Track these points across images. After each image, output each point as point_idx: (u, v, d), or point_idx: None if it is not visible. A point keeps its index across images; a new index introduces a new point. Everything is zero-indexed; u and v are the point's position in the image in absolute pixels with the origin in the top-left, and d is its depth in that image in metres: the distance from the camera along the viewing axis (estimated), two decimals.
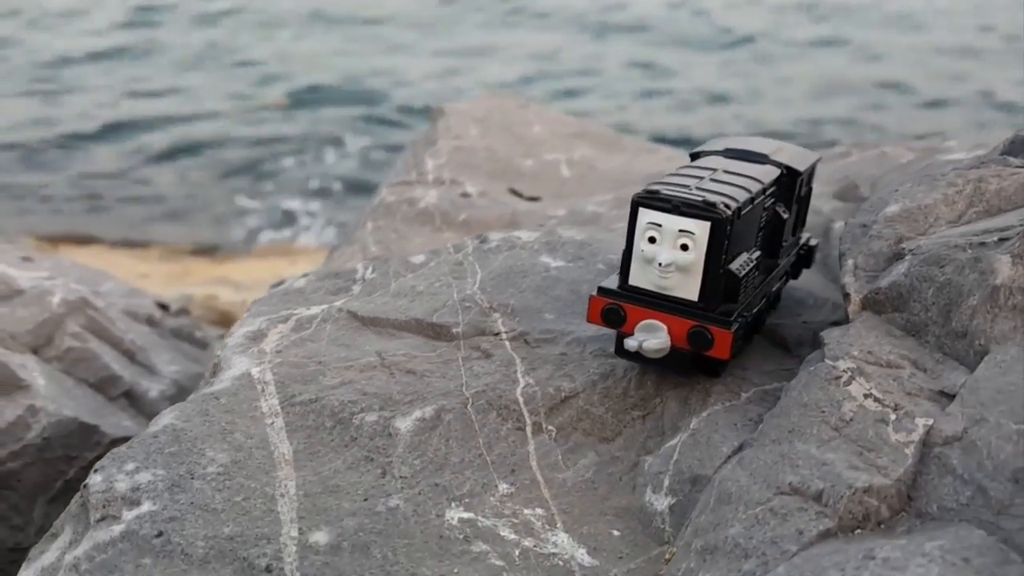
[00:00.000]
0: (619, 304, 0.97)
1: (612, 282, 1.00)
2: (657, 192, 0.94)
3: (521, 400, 1.02)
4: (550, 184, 2.68)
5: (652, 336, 0.94)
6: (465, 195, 2.77)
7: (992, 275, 0.87)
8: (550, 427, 1.00)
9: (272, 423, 1.01)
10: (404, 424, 0.99)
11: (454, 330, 1.18)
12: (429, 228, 2.37)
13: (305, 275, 1.51)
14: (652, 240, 0.93)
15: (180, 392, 2.13)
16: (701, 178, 0.99)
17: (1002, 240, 0.92)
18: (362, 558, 0.82)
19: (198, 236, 4.97)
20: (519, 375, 1.07)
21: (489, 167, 2.92)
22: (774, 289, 1.09)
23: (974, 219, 1.05)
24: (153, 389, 2.07)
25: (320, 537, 0.84)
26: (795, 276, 1.19)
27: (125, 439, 1.74)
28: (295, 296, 1.41)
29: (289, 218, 5.33)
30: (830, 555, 0.70)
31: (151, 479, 0.91)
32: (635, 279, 0.97)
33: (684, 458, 0.91)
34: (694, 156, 1.13)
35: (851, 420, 0.83)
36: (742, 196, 0.95)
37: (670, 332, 0.95)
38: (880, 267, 1.01)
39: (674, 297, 0.95)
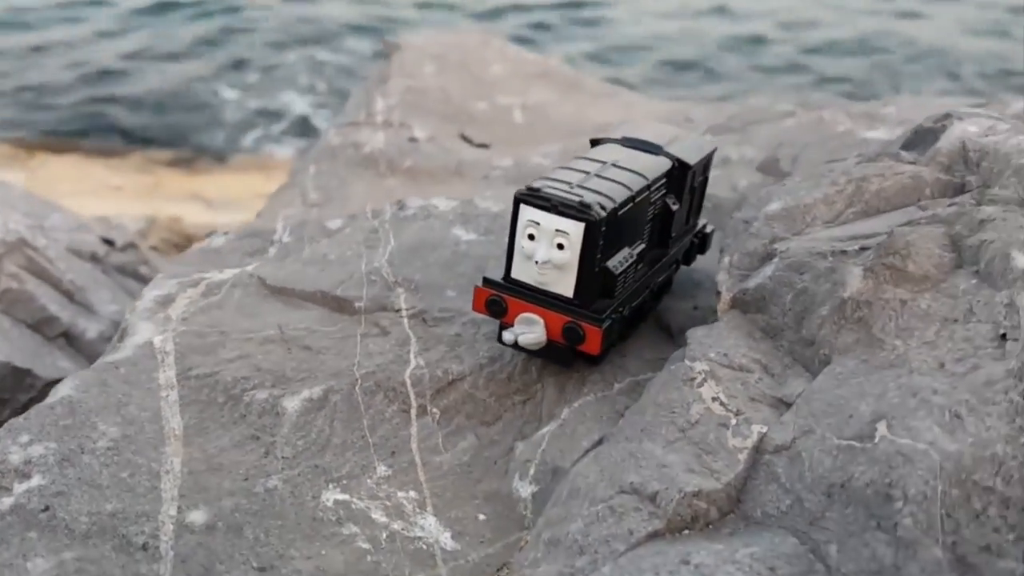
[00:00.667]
0: (501, 296, 1.01)
1: (497, 273, 1.03)
2: (538, 190, 0.97)
3: (409, 382, 1.07)
4: (501, 130, 2.69)
5: (529, 329, 0.99)
6: (413, 140, 2.77)
7: (842, 287, 0.91)
8: (435, 409, 1.05)
9: (167, 396, 1.05)
10: (292, 403, 1.03)
11: (356, 304, 1.22)
12: (372, 174, 2.37)
13: (226, 233, 1.53)
14: (532, 237, 0.97)
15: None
16: (587, 174, 1.02)
17: (863, 249, 0.96)
18: (235, 538, 0.88)
19: (179, 138, 4.88)
20: (411, 355, 1.11)
21: (441, 109, 2.91)
22: (661, 279, 1.14)
23: (851, 219, 1.09)
24: (91, 329, 2.11)
25: (197, 516, 0.90)
26: (687, 263, 1.23)
27: (59, 380, 1.78)
28: (211, 256, 1.44)
29: (275, 118, 5.28)
30: (651, 557, 0.77)
31: (43, 452, 0.95)
32: (517, 272, 1.01)
33: (550, 448, 0.97)
34: (594, 143, 1.16)
35: (697, 423, 0.88)
36: (621, 195, 0.98)
37: (547, 326, 0.99)
38: (753, 266, 1.05)
39: (551, 292, 0.99)
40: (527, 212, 0.97)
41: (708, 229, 1.24)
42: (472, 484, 0.98)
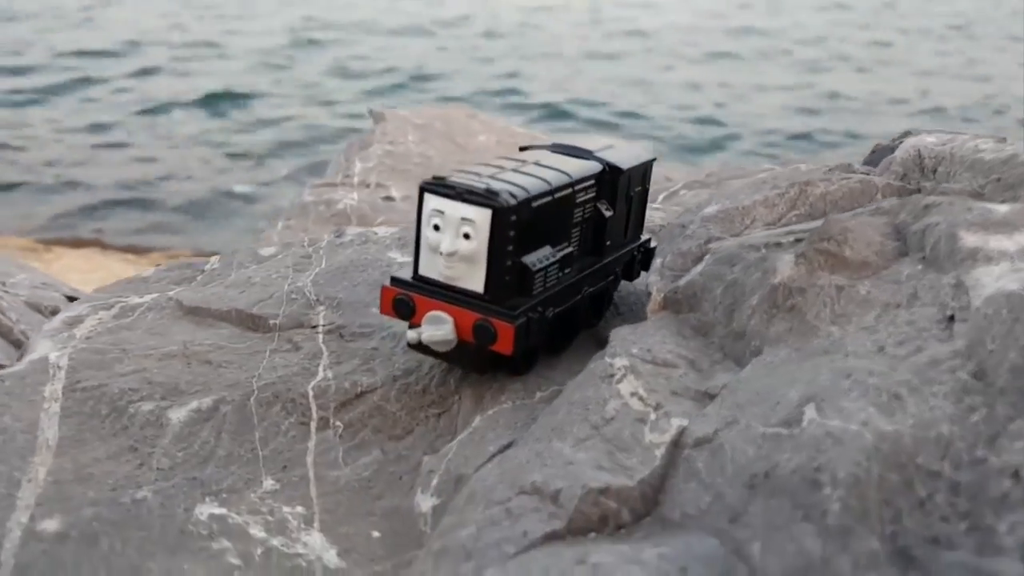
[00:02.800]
0: (408, 294, 0.93)
1: (406, 273, 0.95)
2: (444, 179, 0.90)
3: (311, 394, 0.97)
4: None
5: (436, 328, 0.90)
6: (388, 199, 2.72)
7: (773, 274, 0.83)
8: (337, 423, 0.95)
9: (48, 408, 0.96)
10: (177, 415, 0.94)
11: (271, 322, 1.13)
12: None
13: (159, 265, 1.46)
14: (436, 228, 0.89)
15: None
16: (501, 168, 0.95)
17: (797, 241, 0.88)
18: (87, 548, 0.77)
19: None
20: (320, 368, 1.02)
21: (420, 173, 2.88)
22: (595, 288, 1.05)
23: (794, 222, 1.02)
24: None
25: (50, 525, 0.79)
26: (629, 277, 1.14)
27: None
28: (137, 284, 1.36)
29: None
30: (544, 559, 0.66)
31: None
32: (424, 269, 0.92)
33: (455, 457, 0.87)
34: (522, 149, 1.09)
35: (612, 419, 0.78)
36: (537, 187, 0.91)
37: (456, 325, 0.90)
38: (687, 266, 0.97)
39: (461, 288, 0.90)
40: (431, 201, 0.90)
41: (652, 244, 1.16)
42: (370, 500, 0.87)
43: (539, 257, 0.92)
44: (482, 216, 0.87)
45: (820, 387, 0.71)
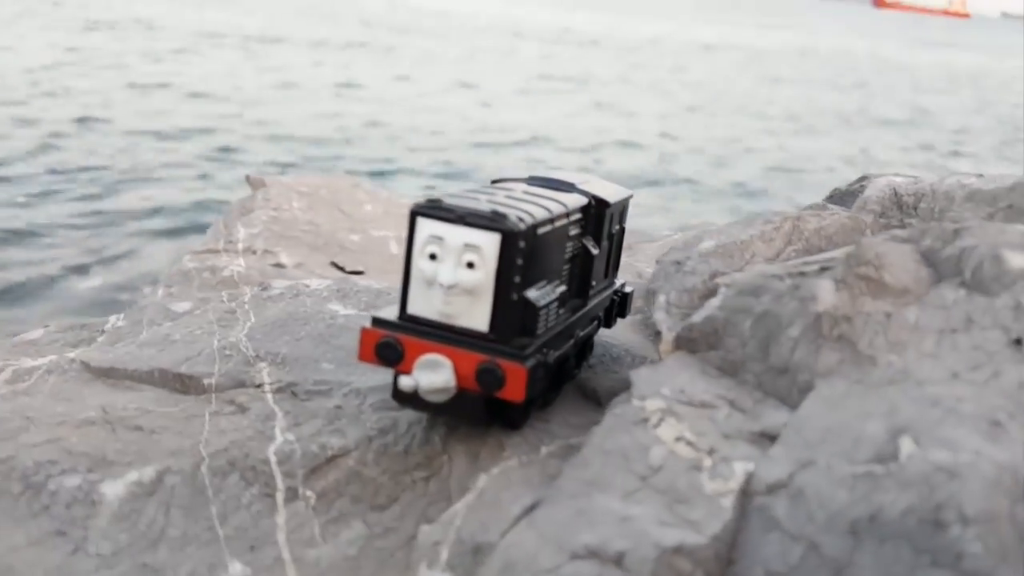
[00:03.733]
0: (395, 337, 0.80)
1: (391, 313, 0.83)
2: (440, 201, 0.79)
3: (274, 460, 0.83)
4: (376, 259, 2.51)
5: (432, 373, 0.78)
6: (278, 266, 2.55)
7: (813, 302, 0.76)
8: (308, 493, 0.81)
9: None
10: (113, 489, 0.77)
11: (206, 381, 0.97)
12: (230, 296, 2.14)
13: (46, 326, 1.26)
14: (433, 257, 0.78)
15: None
16: (494, 194, 0.85)
17: (824, 269, 0.82)
18: None
19: None
20: (277, 431, 0.87)
21: (310, 240, 2.73)
22: (583, 333, 0.96)
23: (793, 256, 0.96)
24: None
25: None
26: (608, 324, 1.06)
27: None
28: (25, 347, 1.16)
29: None
30: None
31: None
32: (415, 306, 0.80)
33: (467, 524, 0.74)
34: (495, 182, 1.00)
35: (660, 468, 0.68)
36: (540, 214, 0.82)
37: (456, 369, 0.78)
38: (694, 304, 0.89)
39: (460, 327, 0.79)
40: (427, 227, 0.78)
41: (627, 289, 1.08)
42: None
43: (541, 293, 0.82)
44: (490, 242, 0.76)
45: (907, 418, 0.63)
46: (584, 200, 0.93)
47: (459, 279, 0.77)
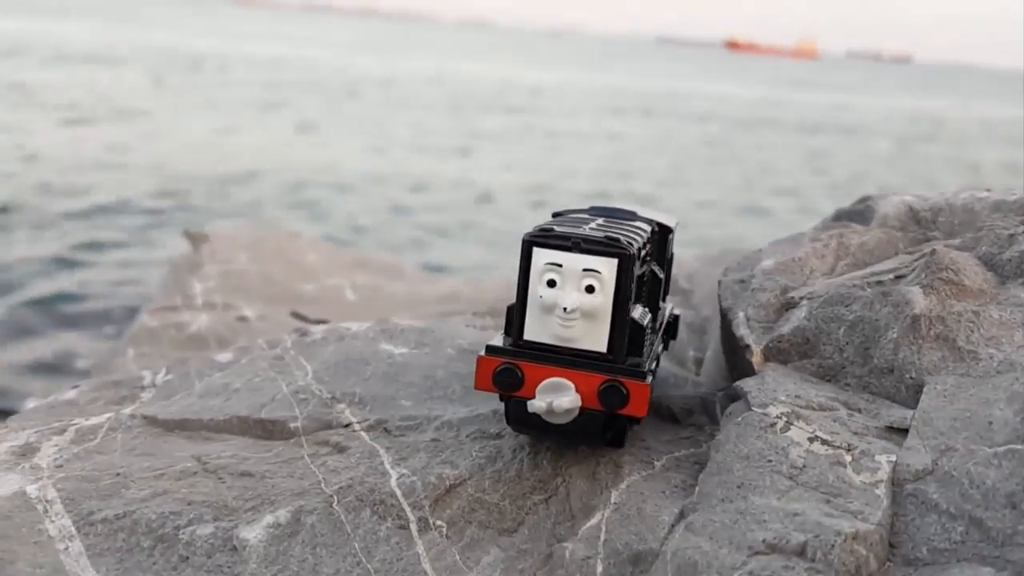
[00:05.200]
0: (514, 363, 0.83)
1: (504, 341, 0.85)
2: (551, 229, 0.82)
3: (399, 493, 0.83)
4: (336, 307, 2.51)
5: (561, 395, 0.81)
6: (242, 319, 2.52)
7: (908, 306, 0.82)
8: (439, 522, 0.82)
9: (66, 548, 0.75)
10: (252, 533, 0.76)
11: (291, 425, 0.97)
12: (204, 354, 2.12)
13: (76, 386, 1.23)
14: (552, 284, 0.81)
15: None
16: (586, 222, 0.89)
17: (898, 278, 0.89)
18: None
19: None
20: (388, 466, 0.88)
21: (266, 291, 2.70)
22: (660, 352, 1.00)
23: (845, 271, 1.03)
24: None
25: None
26: (666, 346, 1.10)
27: None
28: (66, 408, 1.13)
29: None
30: None
31: None
32: (532, 333, 0.83)
33: (615, 536, 0.76)
34: (557, 214, 1.04)
35: (804, 466, 0.73)
36: (638, 237, 0.86)
37: (577, 390, 0.82)
38: (771, 318, 0.95)
39: (579, 350, 0.82)
40: (543, 255, 0.82)
41: (676, 311, 1.13)
42: None
43: (640, 313, 0.86)
44: (608, 266, 0.80)
45: None
46: (650, 228, 0.98)
47: (581, 303, 0.80)
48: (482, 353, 0.84)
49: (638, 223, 0.95)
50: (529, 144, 10.23)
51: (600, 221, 0.92)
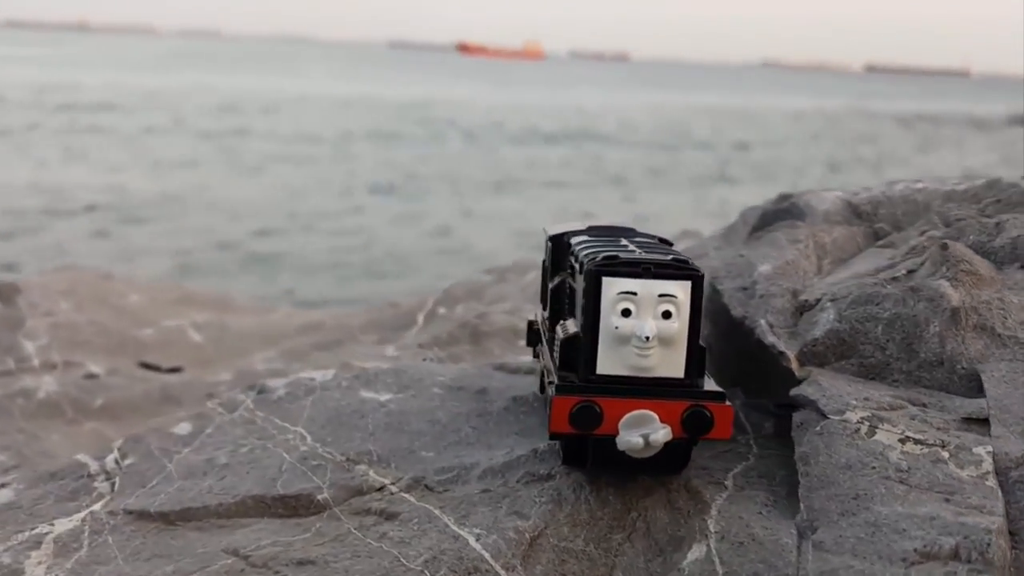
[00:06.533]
0: (592, 401, 0.79)
1: (568, 377, 0.82)
2: (617, 257, 0.80)
3: (487, 556, 0.78)
4: (185, 352, 2.32)
5: (652, 429, 0.78)
6: (91, 376, 2.29)
7: (944, 299, 0.87)
8: None
9: None
10: None
11: (318, 498, 0.88)
12: (61, 421, 1.92)
13: (3, 485, 1.05)
14: (626, 313, 0.78)
15: None
16: (624, 246, 0.87)
17: (910, 272, 0.94)
18: None
19: None
20: (455, 527, 0.82)
21: (104, 342, 2.46)
22: None
23: (832, 270, 1.07)
24: None
25: None
26: None
27: None
28: (12, 514, 0.96)
29: None
30: None
31: None
32: (606, 366, 0.80)
33: (736, 568, 0.75)
34: (555, 238, 1.00)
35: (909, 468, 0.75)
36: (682, 258, 0.85)
37: (662, 420, 0.79)
38: (789, 323, 0.97)
39: (657, 378, 0.80)
40: (615, 284, 0.79)
41: None
42: None
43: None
44: (683, 290, 0.78)
45: None
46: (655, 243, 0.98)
47: (660, 330, 0.78)
48: (553, 393, 0.80)
49: (654, 240, 0.94)
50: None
51: (622, 242, 0.90)
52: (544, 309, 1.05)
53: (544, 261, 1.07)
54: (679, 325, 0.79)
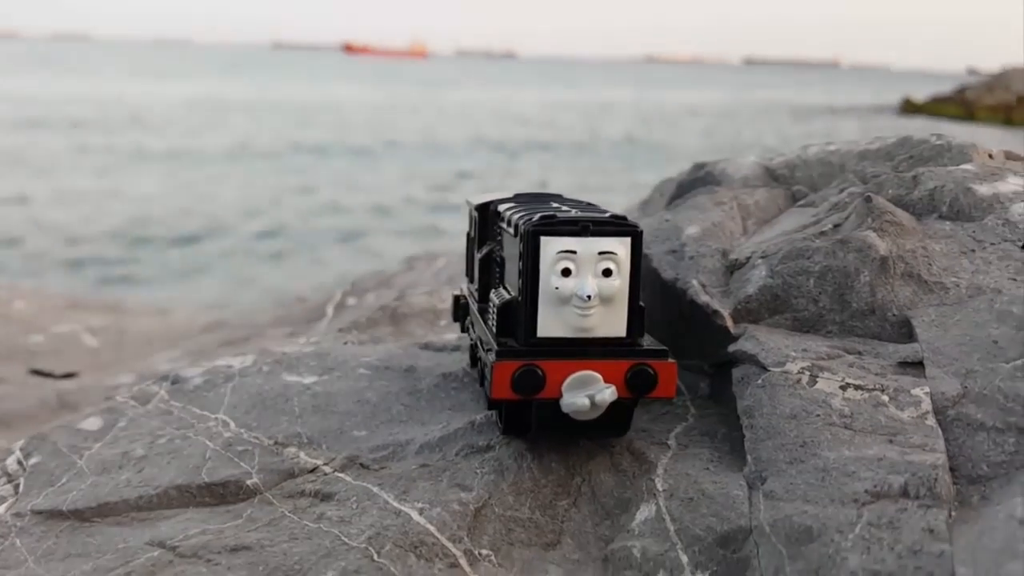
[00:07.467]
0: (534, 364, 0.77)
1: (508, 342, 0.79)
2: (554, 217, 0.78)
3: (432, 529, 0.74)
4: (80, 356, 2.21)
5: (598, 390, 0.76)
6: None
7: (872, 249, 0.88)
8: (484, 551, 0.74)
9: None
10: None
11: (247, 483, 0.83)
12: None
13: None
14: (566, 272, 0.76)
15: None
16: (558, 206, 0.86)
17: (836, 227, 0.95)
18: None
19: None
20: (396, 503, 0.78)
21: None
22: None
23: (757, 230, 1.08)
24: None
25: None
26: None
27: None
28: None
29: None
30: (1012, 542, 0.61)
31: None
32: (546, 328, 0.78)
33: (688, 524, 0.74)
34: (481, 208, 0.98)
35: (852, 414, 0.75)
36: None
37: (605, 380, 0.78)
38: (721, 282, 0.97)
39: (599, 337, 0.78)
40: (554, 244, 0.76)
41: None
42: None
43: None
44: (623, 246, 0.77)
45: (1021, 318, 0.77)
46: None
47: (601, 288, 0.76)
48: (494, 359, 0.77)
49: (584, 203, 0.93)
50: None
51: (551, 204, 0.89)
52: (472, 282, 1.02)
53: (469, 233, 1.04)
54: (620, 283, 0.77)
